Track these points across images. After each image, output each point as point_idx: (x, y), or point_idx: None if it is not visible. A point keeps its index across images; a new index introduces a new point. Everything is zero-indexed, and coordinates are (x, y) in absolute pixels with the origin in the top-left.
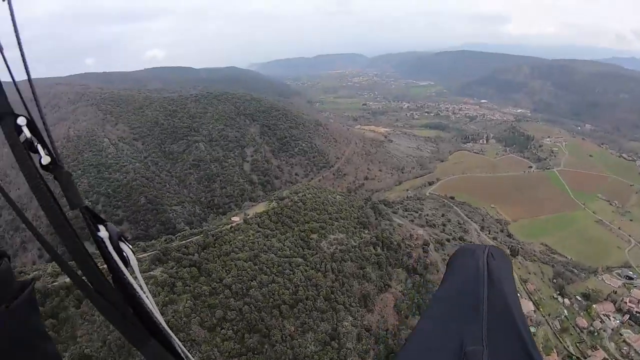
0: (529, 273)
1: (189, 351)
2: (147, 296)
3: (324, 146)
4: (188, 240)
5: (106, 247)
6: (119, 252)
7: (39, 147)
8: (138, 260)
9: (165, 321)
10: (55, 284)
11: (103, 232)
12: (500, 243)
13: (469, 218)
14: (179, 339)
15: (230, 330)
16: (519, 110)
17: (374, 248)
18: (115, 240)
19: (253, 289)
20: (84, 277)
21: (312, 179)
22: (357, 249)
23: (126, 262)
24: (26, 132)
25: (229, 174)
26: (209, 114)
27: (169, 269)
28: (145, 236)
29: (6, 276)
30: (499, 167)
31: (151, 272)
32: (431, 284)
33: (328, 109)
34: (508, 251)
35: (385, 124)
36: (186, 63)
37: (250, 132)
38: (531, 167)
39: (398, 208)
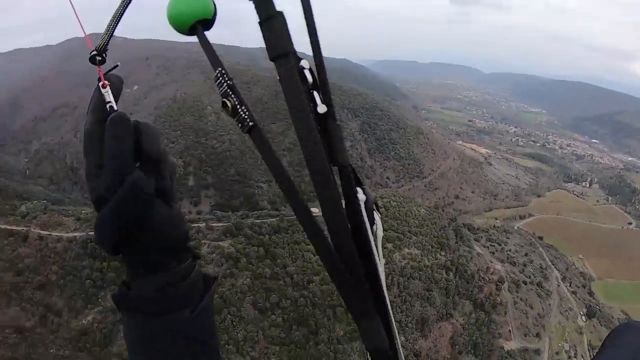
0: (600, 340)
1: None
2: (381, 270)
3: (421, 155)
4: (263, 220)
5: (359, 211)
6: (371, 219)
7: (315, 95)
8: (211, 228)
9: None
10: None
11: (361, 195)
12: (579, 299)
13: (552, 264)
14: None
15: (281, 318)
16: (630, 159)
17: (446, 272)
18: (370, 206)
19: (313, 284)
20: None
21: (402, 186)
22: (428, 268)
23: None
24: (308, 76)
25: None
26: None
27: (237, 244)
28: (226, 206)
29: (196, 279)
30: (597, 216)
31: (220, 242)
32: (494, 325)
33: (432, 119)
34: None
35: (488, 145)
36: (300, 48)
37: (350, 126)
38: (631, 223)
39: (481, 236)
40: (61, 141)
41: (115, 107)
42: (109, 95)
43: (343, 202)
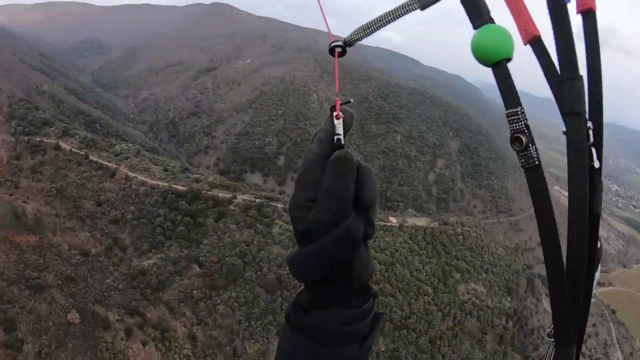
0: None
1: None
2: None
3: (514, 192)
4: None
5: (597, 256)
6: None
7: (593, 151)
8: (287, 211)
9: None
10: (209, 192)
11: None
12: None
13: (618, 343)
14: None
15: None
16: None
17: (506, 319)
18: (601, 252)
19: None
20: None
21: (487, 218)
22: (489, 310)
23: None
24: (590, 135)
25: (411, 175)
26: (417, 110)
27: None
28: None
29: (369, 315)
30: None
31: (290, 226)
32: None
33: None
34: None
35: None
36: (415, 54)
37: (449, 145)
38: None
39: None
40: (168, 95)
41: (343, 142)
42: (340, 128)
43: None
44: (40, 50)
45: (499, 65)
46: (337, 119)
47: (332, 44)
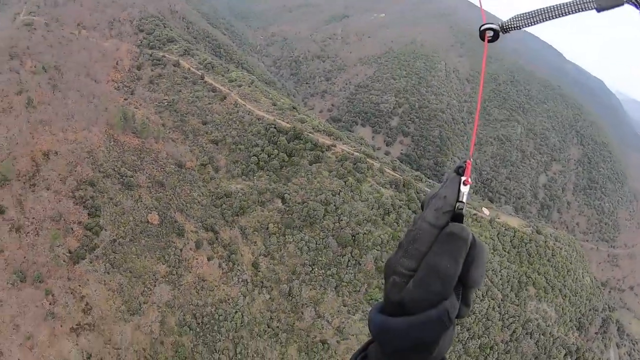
0: None
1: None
2: None
3: (624, 223)
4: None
5: None
6: None
7: None
8: (382, 172)
9: None
10: (310, 134)
11: None
12: None
13: None
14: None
15: None
16: None
17: (565, 356)
18: None
19: None
20: None
21: (586, 240)
22: (551, 339)
23: None
24: None
25: (521, 171)
26: (545, 105)
27: (395, 198)
28: (414, 161)
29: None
30: None
31: (381, 188)
32: None
33: None
34: None
35: None
36: (559, 45)
37: (570, 150)
38: None
39: (626, 344)
40: (297, 34)
41: (464, 212)
42: (464, 196)
43: None
44: None
45: None
46: (465, 184)
47: (484, 26)
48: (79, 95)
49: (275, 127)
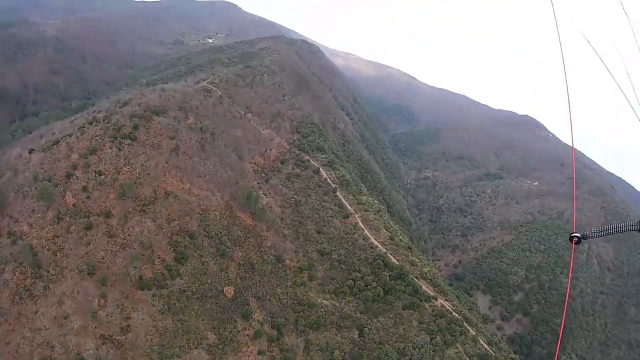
0: None
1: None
2: None
3: None
4: None
5: None
6: None
7: None
8: None
9: None
10: (415, 279)
11: None
12: None
13: None
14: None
15: None
16: None
17: None
18: None
19: None
20: None
21: None
22: None
23: None
24: None
25: None
26: None
27: None
28: (524, 344)
29: None
30: None
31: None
32: None
33: None
34: None
35: None
36: None
37: None
38: None
39: None
40: (446, 182)
41: None
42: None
43: None
44: (356, 96)
45: None
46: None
47: (572, 235)
48: (219, 162)
49: (383, 260)
